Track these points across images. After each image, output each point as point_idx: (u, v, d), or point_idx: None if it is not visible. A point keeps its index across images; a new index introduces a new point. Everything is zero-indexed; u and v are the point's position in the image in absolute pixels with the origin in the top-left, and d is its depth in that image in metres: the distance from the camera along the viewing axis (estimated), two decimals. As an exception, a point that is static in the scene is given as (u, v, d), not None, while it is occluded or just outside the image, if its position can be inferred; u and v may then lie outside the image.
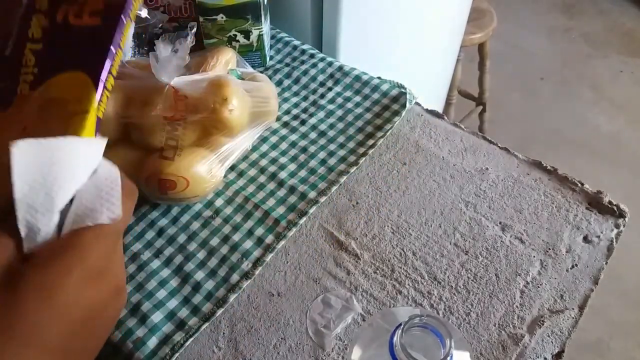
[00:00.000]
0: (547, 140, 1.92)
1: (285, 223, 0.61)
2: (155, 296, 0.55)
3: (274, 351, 0.52)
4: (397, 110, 0.71)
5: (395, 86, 0.74)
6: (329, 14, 0.83)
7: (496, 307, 0.55)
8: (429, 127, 0.71)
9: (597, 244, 0.59)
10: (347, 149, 0.68)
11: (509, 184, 0.64)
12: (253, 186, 0.64)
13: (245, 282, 0.56)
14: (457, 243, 0.60)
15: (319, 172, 0.65)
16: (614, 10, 2.46)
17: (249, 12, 0.72)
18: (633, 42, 2.31)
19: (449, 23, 1.14)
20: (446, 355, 0.33)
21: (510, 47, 2.23)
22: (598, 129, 1.97)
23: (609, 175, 1.78)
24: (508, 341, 0.52)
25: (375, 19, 0.90)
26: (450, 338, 0.33)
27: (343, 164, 0.66)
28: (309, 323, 0.54)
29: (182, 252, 0.59)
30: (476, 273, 0.57)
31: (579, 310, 0.55)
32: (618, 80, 2.15)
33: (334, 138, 0.69)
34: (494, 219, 0.61)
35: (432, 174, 0.66)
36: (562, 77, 2.16)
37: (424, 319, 0.34)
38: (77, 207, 0.29)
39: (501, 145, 0.69)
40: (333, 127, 0.70)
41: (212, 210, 0.62)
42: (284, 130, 0.70)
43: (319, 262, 0.58)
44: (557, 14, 2.45)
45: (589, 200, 0.63)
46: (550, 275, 0.57)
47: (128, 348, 0.52)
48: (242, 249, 0.59)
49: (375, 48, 0.94)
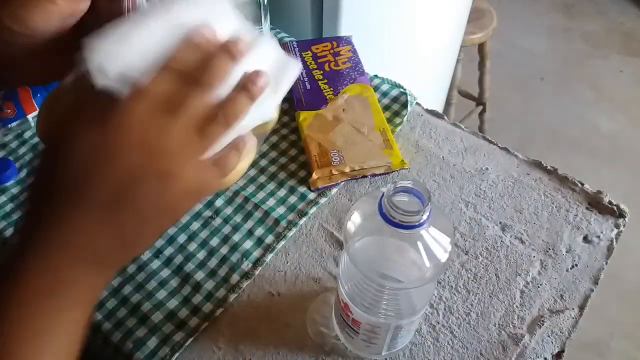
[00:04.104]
0: (547, 140, 1.92)
1: (285, 223, 0.61)
2: (156, 296, 0.55)
3: (274, 351, 0.52)
4: (398, 110, 0.71)
5: (395, 86, 0.74)
6: (328, 14, 0.83)
7: (496, 307, 0.55)
8: (429, 127, 0.71)
9: (597, 244, 0.59)
10: (347, 149, 0.67)
11: (509, 184, 0.64)
12: (253, 186, 0.64)
13: (245, 282, 0.56)
14: (457, 243, 0.60)
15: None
16: (614, 10, 2.45)
17: (249, 12, 0.72)
18: (633, 42, 2.31)
19: (449, 23, 1.14)
20: (424, 211, 0.37)
21: (510, 47, 2.23)
22: (598, 129, 1.97)
23: (609, 175, 1.78)
24: (508, 341, 0.52)
25: (375, 19, 0.90)
26: (430, 198, 0.37)
27: (343, 164, 0.66)
28: (309, 323, 0.54)
29: (182, 252, 0.59)
30: (476, 273, 0.57)
31: (579, 310, 0.55)
32: (618, 80, 2.15)
33: (334, 138, 0.69)
34: (494, 219, 0.61)
35: (432, 174, 0.66)
36: (562, 77, 2.16)
37: (407, 183, 0.38)
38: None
39: (501, 145, 0.69)
40: (333, 127, 0.70)
41: (212, 210, 0.62)
42: (284, 130, 0.70)
43: (319, 262, 0.58)
44: (557, 14, 2.44)
45: (589, 200, 0.63)
46: (550, 275, 0.57)
47: (128, 348, 0.52)
48: (242, 249, 0.59)
49: (375, 48, 0.94)
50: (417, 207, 0.37)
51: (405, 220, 0.37)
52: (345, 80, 0.73)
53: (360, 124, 0.68)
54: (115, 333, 0.53)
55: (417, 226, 0.37)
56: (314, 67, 0.74)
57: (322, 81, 0.73)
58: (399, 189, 0.38)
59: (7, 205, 0.63)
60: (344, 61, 0.75)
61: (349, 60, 0.75)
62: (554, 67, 2.20)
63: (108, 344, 0.53)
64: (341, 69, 0.74)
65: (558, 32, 2.36)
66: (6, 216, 0.62)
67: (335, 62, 0.75)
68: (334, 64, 0.75)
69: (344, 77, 0.73)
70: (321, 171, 0.64)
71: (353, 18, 0.84)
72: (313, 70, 0.74)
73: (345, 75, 0.73)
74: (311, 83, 0.73)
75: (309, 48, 0.77)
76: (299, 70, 0.36)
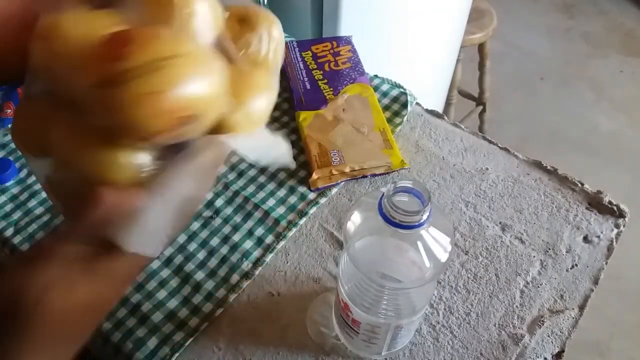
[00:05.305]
0: (547, 140, 1.92)
1: (285, 223, 0.61)
2: (156, 296, 0.55)
3: (274, 351, 0.52)
4: (398, 110, 0.71)
5: (395, 86, 0.74)
6: (328, 14, 0.83)
7: (496, 307, 0.55)
8: (429, 127, 0.71)
9: (597, 244, 0.59)
10: (347, 149, 0.67)
11: (509, 184, 0.64)
12: (253, 186, 0.64)
13: (245, 282, 0.56)
14: (457, 243, 0.60)
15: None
16: (614, 10, 2.45)
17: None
18: (633, 42, 2.31)
19: (449, 23, 1.14)
20: (424, 211, 0.37)
21: (510, 47, 2.23)
22: (598, 129, 1.97)
23: (609, 175, 1.78)
24: (508, 341, 0.52)
25: (375, 20, 0.90)
26: (430, 198, 0.37)
27: (343, 164, 0.66)
28: (309, 323, 0.54)
29: (182, 252, 0.59)
30: (476, 273, 0.57)
31: (579, 310, 0.55)
32: (618, 80, 2.15)
33: (334, 138, 0.69)
34: (494, 219, 0.61)
35: (432, 174, 0.66)
36: (562, 77, 2.16)
37: (406, 183, 0.38)
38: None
39: (501, 145, 0.69)
40: (333, 127, 0.70)
41: (212, 210, 0.62)
42: (284, 130, 0.70)
43: (319, 262, 0.58)
44: (557, 14, 2.44)
45: (589, 200, 0.63)
46: (550, 275, 0.57)
47: (128, 348, 0.52)
48: (242, 249, 0.59)
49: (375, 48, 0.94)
50: (417, 207, 0.37)
51: (405, 220, 0.37)
52: (345, 80, 0.73)
53: (360, 124, 0.68)
54: (115, 333, 0.53)
55: (417, 226, 0.37)
56: (314, 67, 0.74)
57: (322, 81, 0.73)
58: (399, 189, 0.38)
59: (7, 205, 0.63)
60: (344, 61, 0.75)
61: (349, 60, 0.75)
62: (554, 67, 2.20)
63: (108, 344, 0.53)
64: (341, 69, 0.74)
65: (558, 32, 2.36)
66: (6, 216, 0.62)
67: (335, 62, 0.75)
68: (334, 64, 0.75)
69: (344, 77, 0.73)
70: (321, 171, 0.64)
71: (353, 18, 0.84)
72: (313, 70, 0.74)
73: (345, 75, 0.73)
74: (311, 83, 0.73)
75: (309, 48, 0.77)
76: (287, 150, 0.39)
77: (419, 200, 0.38)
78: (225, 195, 0.63)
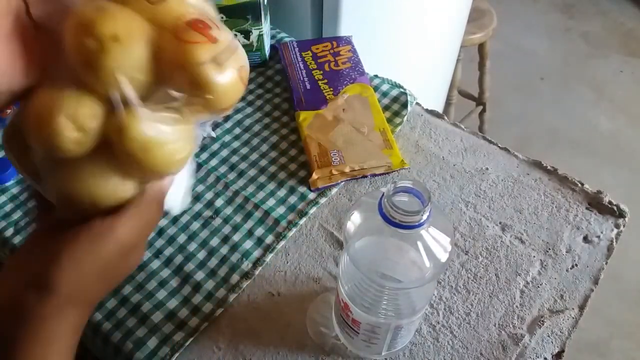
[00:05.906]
0: (547, 140, 1.92)
1: (285, 223, 0.61)
2: (156, 296, 0.55)
3: (274, 351, 0.52)
4: (398, 110, 0.71)
5: (395, 86, 0.74)
6: (328, 14, 0.83)
7: (496, 307, 0.55)
8: (429, 127, 0.71)
9: (597, 244, 0.59)
10: (347, 149, 0.67)
11: (509, 184, 0.64)
12: (253, 186, 0.64)
13: (245, 282, 0.56)
14: (457, 243, 0.60)
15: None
16: (614, 10, 2.45)
17: (249, 12, 0.72)
18: (633, 42, 2.31)
19: (449, 23, 1.14)
20: (424, 211, 0.37)
21: (510, 47, 2.23)
22: (598, 129, 1.97)
23: (609, 175, 1.78)
24: (508, 341, 0.52)
25: (375, 20, 0.90)
26: (429, 198, 0.37)
27: (343, 164, 0.66)
28: (309, 323, 0.54)
29: (182, 252, 0.59)
30: (476, 273, 0.57)
31: (579, 310, 0.55)
32: (618, 80, 2.15)
33: (334, 138, 0.69)
34: (494, 219, 0.61)
35: (432, 174, 0.66)
36: (562, 77, 2.16)
37: (406, 183, 0.39)
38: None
39: (501, 145, 0.69)
40: (333, 127, 0.70)
41: (212, 210, 0.62)
42: (284, 130, 0.70)
43: (319, 262, 0.58)
44: (557, 14, 2.44)
45: (589, 200, 0.63)
46: (550, 275, 0.57)
47: (128, 348, 0.52)
48: (242, 249, 0.59)
49: (375, 48, 0.94)
50: (417, 207, 0.37)
51: (405, 220, 0.37)
52: (345, 80, 0.73)
53: (360, 124, 0.68)
54: (115, 333, 0.53)
55: (417, 226, 0.37)
56: (314, 67, 0.74)
57: (322, 81, 0.73)
58: (399, 189, 0.38)
59: (7, 205, 0.63)
60: (344, 61, 0.75)
61: (349, 60, 0.75)
62: (554, 67, 2.20)
63: (108, 344, 0.53)
64: (341, 69, 0.74)
65: (558, 32, 2.36)
66: (6, 216, 0.62)
67: (335, 62, 0.75)
68: (334, 64, 0.75)
69: (344, 77, 0.73)
70: (321, 171, 0.64)
71: (353, 18, 0.84)
72: (313, 70, 0.74)
73: (345, 75, 0.73)
74: (311, 83, 0.73)
75: (309, 48, 0.77)
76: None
77: (419, 200, 0.38)
78: (225, 195, 0.63)
